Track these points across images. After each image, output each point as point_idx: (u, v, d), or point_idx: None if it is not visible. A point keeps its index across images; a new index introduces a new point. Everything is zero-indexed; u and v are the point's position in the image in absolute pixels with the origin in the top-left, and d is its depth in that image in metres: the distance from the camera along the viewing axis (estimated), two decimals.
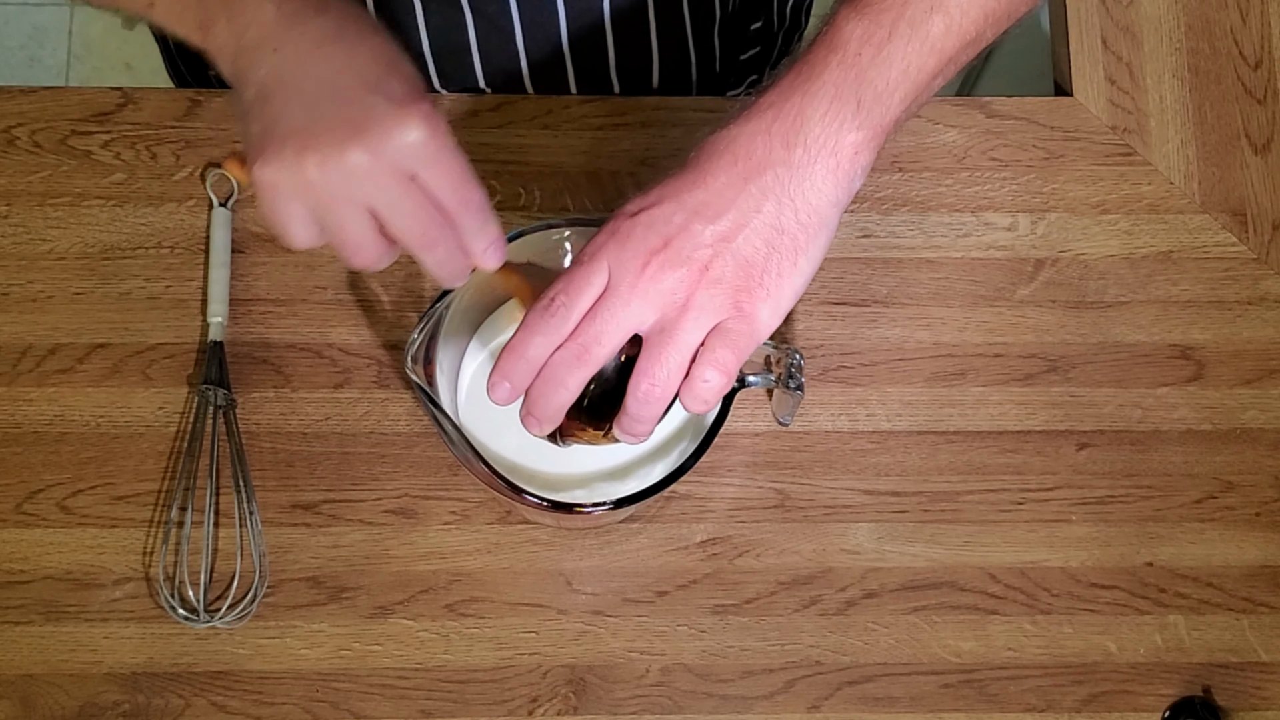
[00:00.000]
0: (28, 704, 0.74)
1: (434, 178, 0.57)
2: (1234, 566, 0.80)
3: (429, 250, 0.59)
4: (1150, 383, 0.82)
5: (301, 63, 0.57)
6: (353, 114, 0.56)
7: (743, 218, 0.57)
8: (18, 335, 0.79)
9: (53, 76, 1.74)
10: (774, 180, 0.57)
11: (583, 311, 0.58)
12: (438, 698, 0.76)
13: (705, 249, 0.57)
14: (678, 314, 0.57)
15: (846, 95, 0.57)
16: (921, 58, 0.58)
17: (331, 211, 0.57)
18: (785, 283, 0.58)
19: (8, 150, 0.82)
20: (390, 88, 0.57)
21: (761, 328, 0.58)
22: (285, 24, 0.58)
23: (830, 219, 0.58)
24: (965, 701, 0.77)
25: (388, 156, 0.56)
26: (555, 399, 0.59)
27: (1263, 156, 0.86)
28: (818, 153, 0.57)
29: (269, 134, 0.57)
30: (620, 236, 0.58)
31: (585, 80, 0.87)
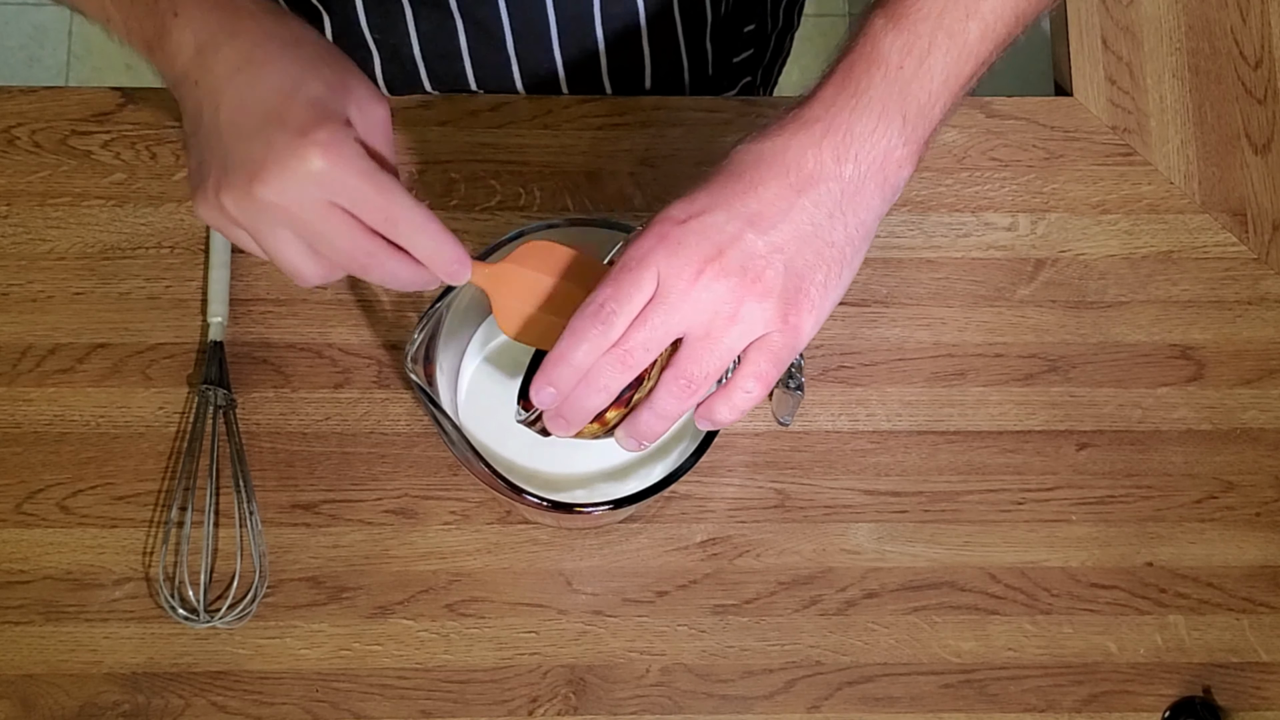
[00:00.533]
0: (28, 704, 0.74)
1: (349, 203, 0.56)
2: (1234, 566, 0.80)
3: (364, 272, 0.58)
4: (1150, 383, 0.82)
5: (214, 98, 0.57)
6: (253, 151, 0.55)
7: (795, 230, 0.57)
8: (18, 335, 0.79)
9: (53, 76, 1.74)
10: (826, 194, 0.57)
11: (631, 317, 0.57)
12: (438, 698, 0.76)
13: (759, 259, 0.57)
14: (725, 322, 0.57)
15: (892, 111, 0.58)
16: (960, 65, 0.59)
17: (262, 241, 0.58)
18: (830, 294, 0.59)
19: (8, 150, 0.82)
20: (291, 117, 0.55)
21: (804, 340, 0.59)
22: (201, 55, 0.57)
23: (873, 231, 0.60)
24: (965, 701, 0.77)
25: (292, 191, 0.55)
26: (592, 403, 0.59)
27: (1263, 156, 0.86)
28: (868, 169, 0.58)
29: (197, 172, 0.58)
30: (671, 243, 0.57)
31: (577, 85, 0.87)
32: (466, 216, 0.82)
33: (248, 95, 0.56)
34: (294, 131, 0.55)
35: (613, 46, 0.84)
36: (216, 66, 0.57)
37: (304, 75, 0.57)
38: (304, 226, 0.56)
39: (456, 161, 0.83)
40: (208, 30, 0.57)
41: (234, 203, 0.56)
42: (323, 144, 0.55)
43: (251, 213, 0.56)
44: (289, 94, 0.56)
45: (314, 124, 0.55)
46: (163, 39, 0.58)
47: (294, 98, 0.56)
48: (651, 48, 0.86)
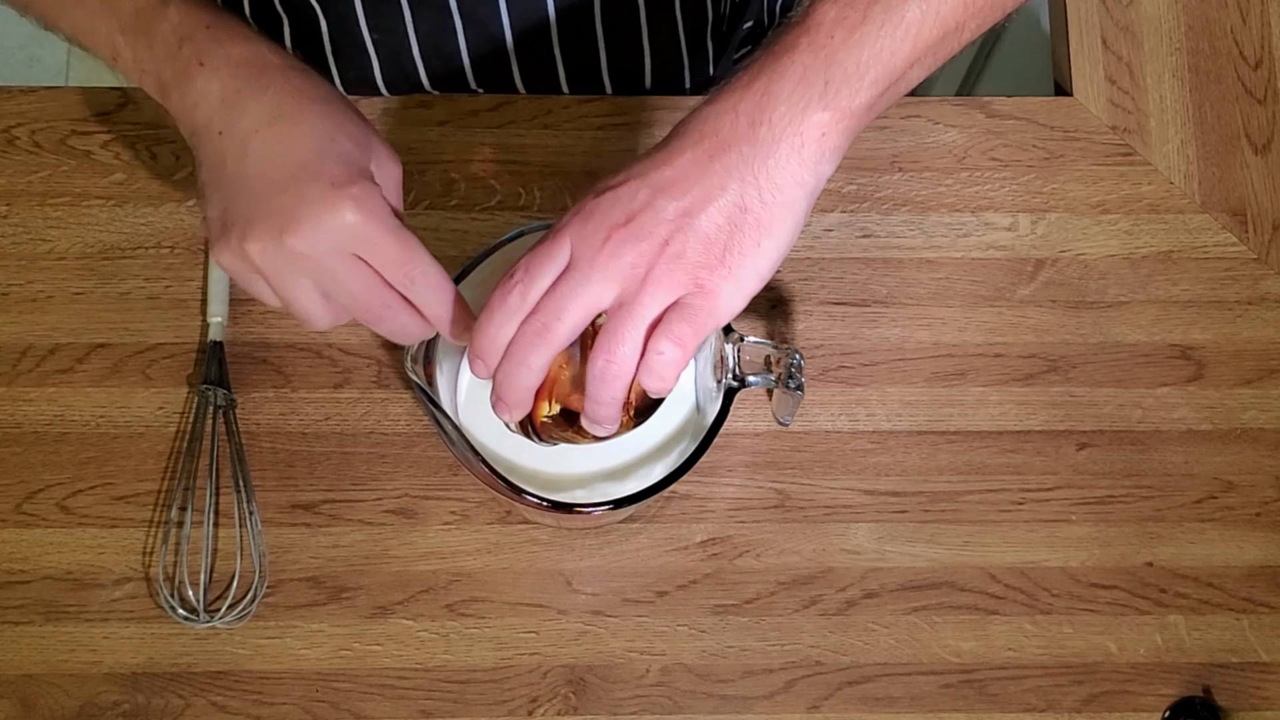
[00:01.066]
0: (28, 704, 0.74)
1: (374, 257, 0.58)
2: (1234, 566, 0.80)
3: (376, 322, 0.60)
4: (1150, 383, 0.82)
5: (241, 149, 0.58)
6: (286, 203, 0.57)
7: (706, 194, 0.56)
8: (18, 335, 0.79)
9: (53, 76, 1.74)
10: (738, 158, 0.56)
11: (543, 289, 0.57)
12: (438, 698, 0.76)
13: (666, 224, 0.56)
14: (636, 289, 0.56)
15: (814, 76, 0.56)
16: (896, 42, 0.57)
17: (281, 289, 0.59)
18: (747, 262, 0.57)
19: (8, 150, 0.82)
20: (323, 171, 0.57)
21: (722, 306, 0.57)
22: (228, 106, 0.58)
23: (796, 200, 0.57)
24: (965, 701, 0.77)
25: (322, 243, 0.57)
26: (520, 380, 0.58)
27: (1263, 156, 0.86)
28: (782, 132, 0.56)
29: (219, 221, 0.59)
30: (584, 214, 0.57)
31: (577, 84, 0.87)
32: (466, 216, 0.82)
33: (278, 148, 0.58)
34: (327, 185, 0.57)
35: (613, 46, 0.84)
36: (244, 119, 0.58)
37: (334, 132, 0.59)
38: (327, 276, 0.58)
39: (456, 161, 0.83)
40: (235, 82, 0.59)
41: (260, 251, 0.57)
42: (356, 198, 0.57)
43: (278, 261, 0.58)
44: (321, 149, 0.58)
45: (347, 179, 0.57)
46: (183, 86, 0.59)
47: (326, 153, 0.58)
48: (652, 47, 0.86)
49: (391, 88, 0.87)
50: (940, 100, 0.86)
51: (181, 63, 0.59)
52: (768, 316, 0.81)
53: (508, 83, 0.86)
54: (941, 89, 1.53)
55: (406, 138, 0.82)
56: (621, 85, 0.88)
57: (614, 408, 0.59)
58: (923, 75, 0.60)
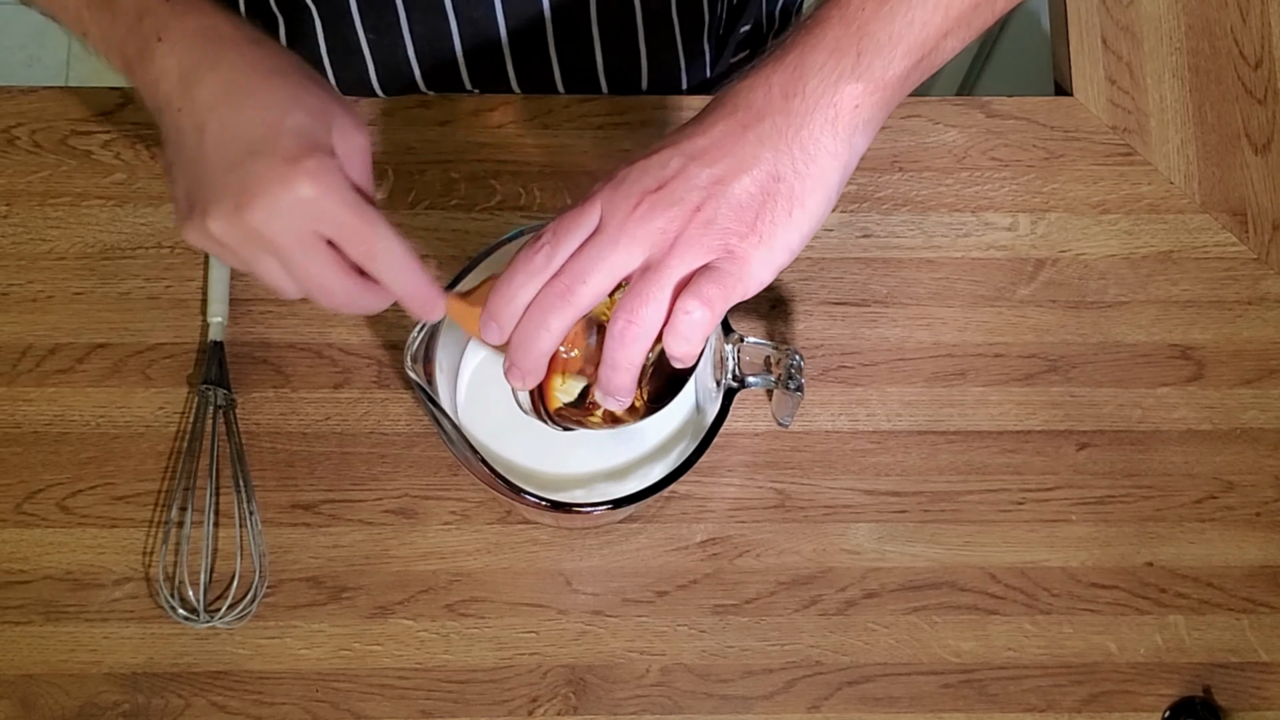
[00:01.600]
0: (28, 704, 0.74)
1: (332, 232, 0.57)
2: (1234, 566, 0.80)
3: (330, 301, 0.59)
4: (1150, 383, 0.82)
5: (198, 126, 0.57)
6: (240, 179, 0.56)
7: (739, 163, 0.56)
8: (18, 335, 0.79)
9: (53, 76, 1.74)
10: (772, 128, 0.56)
11: (570, 251, 0.57)
12: (438, 698, 0.76)
13: (698, 191, 0.56)
14: (664, 253, 0.56)
15: (847, 47, 0.56)
16: (927, 13, 0.57)
17: (247, 265, 0.58)
18: (779, 233, 0.56)
19: (8, 150, 0.82)
20: (277, 145, 0.56)
21: (752, 273, 0.56)
22: (184, 82, 0.58)
23: (829, 171, 0.57)
24: (965, 701, 0.77)
25: (278, 219, 0.56)
26: (538, 343, 0.58)
27: (1263, 156, 0.86)
28: (815, 103, 0.56)
29: (183, 200, 0.58)
30: (616, 180, 0.57)
31: (573, 85, 0.87)
32: (466, 216, 0.82)
33: (232, 124, 0.57)
34: (281, 159, 0.56)
35: (609, 47, 0.84)
36: (200, 95, 0.57)
37: (288, 104, 0.58)
38: (282, 254, 0.57)
39: (456, 161, 0.83)
40: (191, 58, 0.58)
41: (221, 228, 0.57)
42: (311, 172, 0.55)
43: (238, 238, 0.57)
44: (275, 123, 0.57)
45: (302, 153, 0.56)
46: (145, 63, 0.58)
47: (280, 127, 0.57)
48: (648, 48, 0.86)
49: (386, 88, 0.87)
50: (940, 100, 0.86)
51: (142, 38, 0.58)
52: (768, 316, 0.81)
53: (503, 84, 0.86)
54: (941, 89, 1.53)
55: (406, 138, 0.82)
56: (618, 87, 0.88)
57: (630, 374, 0.58)
58: (958, 47, 0.60)
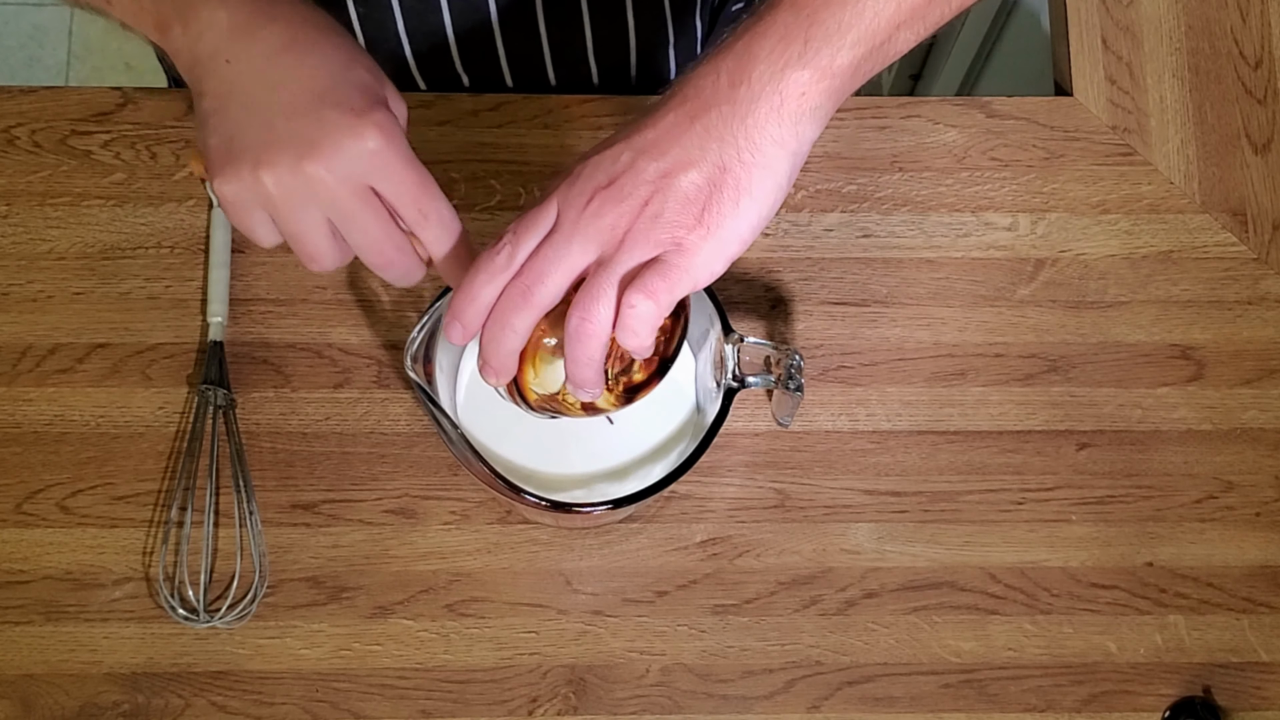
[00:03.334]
0: (28, 704, 0.74)
1: (390, 189, 0.58)
2: (1234, 566, 0.80)
3: (384, 265, 0.60)
4: (1150, 383, 0.82)
5: (254, 76, 0.57)
6: (305, 128, 0.56)
7: (686, 155, 0.56)
8: (18, 335, 0.79)
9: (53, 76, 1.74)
10: (718, 118, 0.56)
11: (529, 251, 0.57)
12: (438, 698, 0.76)
13: (646, 185, 0.56)
14: (615, 249, 0.56)
15: (795, 34, 0.56)
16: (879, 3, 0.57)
17: (290, 222, 0.58)
18: (727, 223, 0.56)
19: (8, 150, 0.82)
20: (343, 97, 0.57)
21: (700, 264, 0.56)
22: (237, 34, 0.58)
23: (775, 160, 0.56)
24: (965, 701, 0.77)
25: (342, 169, 0.57)
26: (504, 343, 0.58)
27: (1263, 156, 0.86)
28: (760, 90, 0.55)
29: (226, 149, 0.58)
30: (572, 177, 0.57)
31: (562, 63, 0.86)
32: (466, 216, 0.82)
33: (294, 75, 0.57)
34: (348, 111, 0.56)
35: (598, 23, 0.84)
36: (255, 46, 0.57)
37: (351, 59, 0.59)
38: (340, 206, 0.57)
39: (456, 161, 0.83)
40: (244, 11, 0.58)
41: (276, 179, 0.56)
42: (379, 125, 0.56)
43: (292, 188, 0.57)
44: (337, 77, 0.57)
45: (368, 106, 0.57)
46: (186, 16, 0.58)
47: (345, 79, 0.57)
48: (637, 24, 0.85)
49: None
50: (940, 100, 0.86)
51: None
52: (768, 316, 0.81)
53: (491, 58, 0.86)
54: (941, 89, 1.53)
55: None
56: (606, 62, 0.87)
57: (592, 368, 0.58)
58: (913, 40, 0.59)
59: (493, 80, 0.87)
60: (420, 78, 0.87)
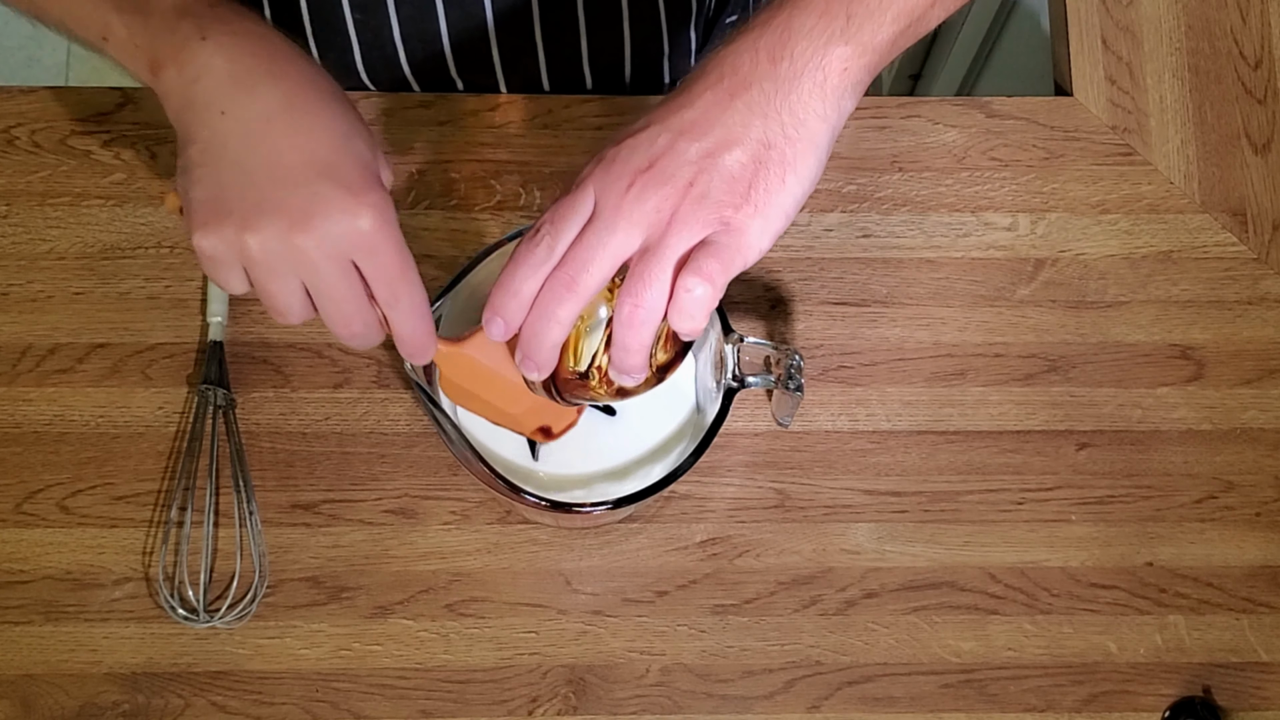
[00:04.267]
0: (28, 704, 0.74)
1: (371, 269, 0.57)
2: (1234, 566, 0.80)
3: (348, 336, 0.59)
4: (1150, 383, 0.82)
5: (249, 134, 0.56)
6: (299, 199, 0.56)
7: (729, 134, 0.55)
8: (18, 335, 0.79)
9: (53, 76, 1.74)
10: (760, 95, 0.55)
11: (569, 240, 0.56)
12: (438, 698, 0.76)
13: (690, 166, 0.55)
14: (661, 232, 0.55)
15: (836, 10, 0.56)
16: None
17: (268, 283, 0.58)
18: (774, 199, 0.56)
19: (8, 150, 0.82)
20: (341, 172, 0.56)
21: (751, 243, 0.56)
22: (236, 86, 0.57)
23: (819, 135, 0.56)
24: (965, 701, 0.77)
25: (330, 246, 0.56)
26: (548, 335, 0.57)
27: (1263, 156, 0.86)
28: (803, 67, 0.55)
29: (211, 204, 0.57)
30: (606, 162, 0.56)
31: (557, 72, 0.86)
32: (466, 216, 0.82)
33: (292, 141, 0.56)
34: (345, 188, 0.56)
35: (594, 33, 0.84)
36: (254, 103, 0.56)
37: (349, 131, 0.58)
38: (320, 279, 0.57)
39: (456, 161, 0.83)
40: (244, 64, 0.57)
41: (261, 244, 0.56)
42: (374, 206, 0.56)
43: (277, 255, 0.56)
44: (337, 148, 0.57)
45: (365, 185, 0.56)
46: (181, 59, 0.57)
47: (343, 152, 0.57)
48: (633, 35, 0.85)
49: (371, 72, 0.87)
50: (940, 100, 0.86)
51: (181, 36, 0.57)
52: (768, 316, 0.81)
53: (487, 69, 0.86)
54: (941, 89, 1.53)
55: (406, 137, 0.82)
56: (601, 74, 0.87)
57: (642, 355, 0.58)
58: (942, 16, 0.59)
59: (487, 87, 0.87)
60: (415, 83, 0.87)
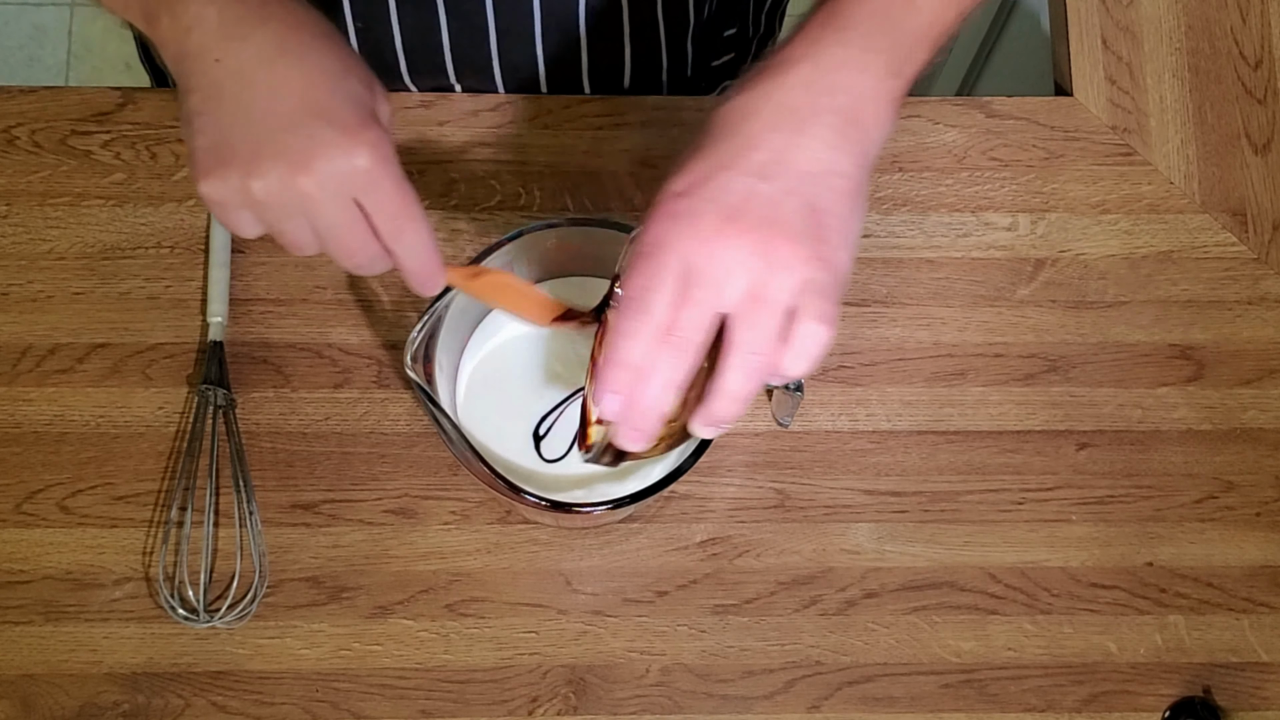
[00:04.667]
0: (28, 704, 0.74)
1: (374, 205, 0.58)
2: (1234, 566, 0.80)
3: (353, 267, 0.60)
4: (1150, 383, 0.82)
5: (244, 80, 0.57)
6: (297, 141, 0.56)
7: (804, 169, 0.56)
8: (18, 335, 0.79)
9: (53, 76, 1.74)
10: (826, 127, 0.56)
11: (668, 302, 0.55)
12: (438, 698, 0.76)
13: (776, 207, 0.55)
14: (764, 279, 0.55)
15: (881, 45, 0.57)
16: (944, 9, 0.59)
17: (276, 224, 0.59)
18: (852, 227, 0.57)
19: (8, 150, 0.82)
20: (336, 112, 0.57)
21: (844, 271, 0.57)
22: (227, 33, 0.57)
23: (874, 161, 0.59)
24: (965, 701, 0.77)
25: (332, 185, 0.56)
26: (661, 404, 0.57)
27: (1263, 156, 0.86)
28: (859, 97, 0.57)
29: (213, 153, 0.57)
30: (684, 217, 0.56)
31: (556, 81, 0.86)
32: (466, 216, 0.82)
33: (286, 84, 0.57)
34: (341, 128, 0.56)
35: (594, 43, 0.84)
36: (246, 49, 0.57)
37: (343, 70, 0.58)
38: (325, 218, 0.58)
39: (456, 161, 0.83)
40: (234, 11, 0.57)
41: (265, 189, 0.56)
42: (371, 144, 0.56)
43: (281, 198, 0.57)
44: (331, 88, 0.57)
45: (360, 124, 0.57)
46: (175, 8, 0.57)
47: (337, 93, 0.57)
48: (633, 47, 0.85)
49: None
50: (940, 100, 0.86)
51: None
52: None
53: (487, 78, 0.86)
54: (941, 89, 1.53)
55: (406, 138, 0.82)
56: (599, 83, 0.87)
57: (745, 406, 0.58)
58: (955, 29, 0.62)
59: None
60: (414, 90, 0.87)
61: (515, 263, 0.70)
